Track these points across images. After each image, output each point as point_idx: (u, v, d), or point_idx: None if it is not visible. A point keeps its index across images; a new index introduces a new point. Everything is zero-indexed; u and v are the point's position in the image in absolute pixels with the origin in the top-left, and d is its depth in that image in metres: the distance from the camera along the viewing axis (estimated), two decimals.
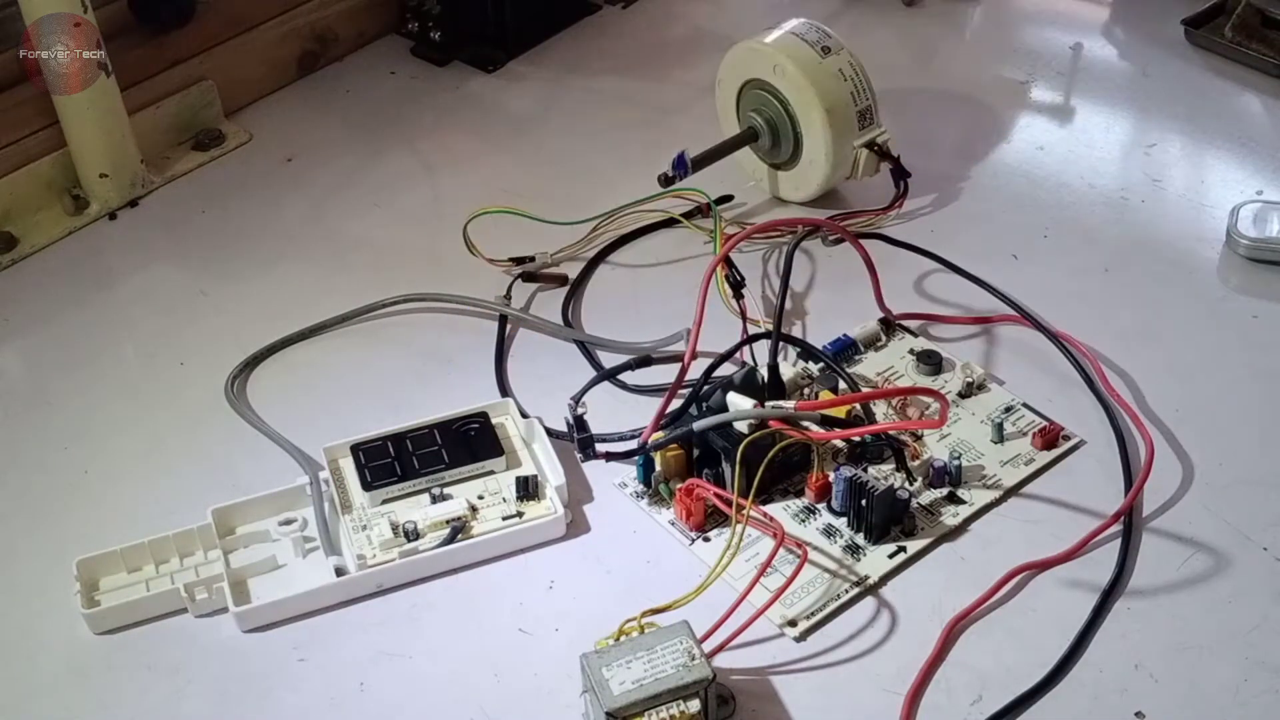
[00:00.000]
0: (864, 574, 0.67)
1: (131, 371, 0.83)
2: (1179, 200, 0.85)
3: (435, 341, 0.83)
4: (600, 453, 0.71)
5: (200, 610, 0.67)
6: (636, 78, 1.07)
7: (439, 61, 1.09)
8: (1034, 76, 1.04)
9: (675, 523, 0.70)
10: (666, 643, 0.59)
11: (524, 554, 0.69)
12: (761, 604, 0.63)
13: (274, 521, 0.70)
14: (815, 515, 0.70)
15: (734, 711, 0.61)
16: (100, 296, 0.88)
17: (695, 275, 0.77)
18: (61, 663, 0.65)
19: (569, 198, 0.91)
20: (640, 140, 0.99)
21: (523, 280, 0.85)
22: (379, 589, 0.67)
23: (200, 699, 0.63)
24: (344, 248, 0.91)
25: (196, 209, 0.95)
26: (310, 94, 1.07)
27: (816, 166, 0.88)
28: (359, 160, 0.99)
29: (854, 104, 0.87)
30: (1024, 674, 0.62)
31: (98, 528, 0.71)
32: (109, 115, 0.92)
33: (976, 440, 0.73)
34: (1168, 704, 0.61)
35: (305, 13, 1.07)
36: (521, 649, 0.65)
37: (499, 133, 1.02)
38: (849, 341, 0.79)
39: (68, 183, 0.94)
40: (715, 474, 0.70)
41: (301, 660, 0.65)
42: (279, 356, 0.82)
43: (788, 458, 0.69)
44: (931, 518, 0.69)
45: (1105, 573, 0.66)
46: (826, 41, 0.87)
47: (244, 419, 0.77)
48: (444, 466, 0.71)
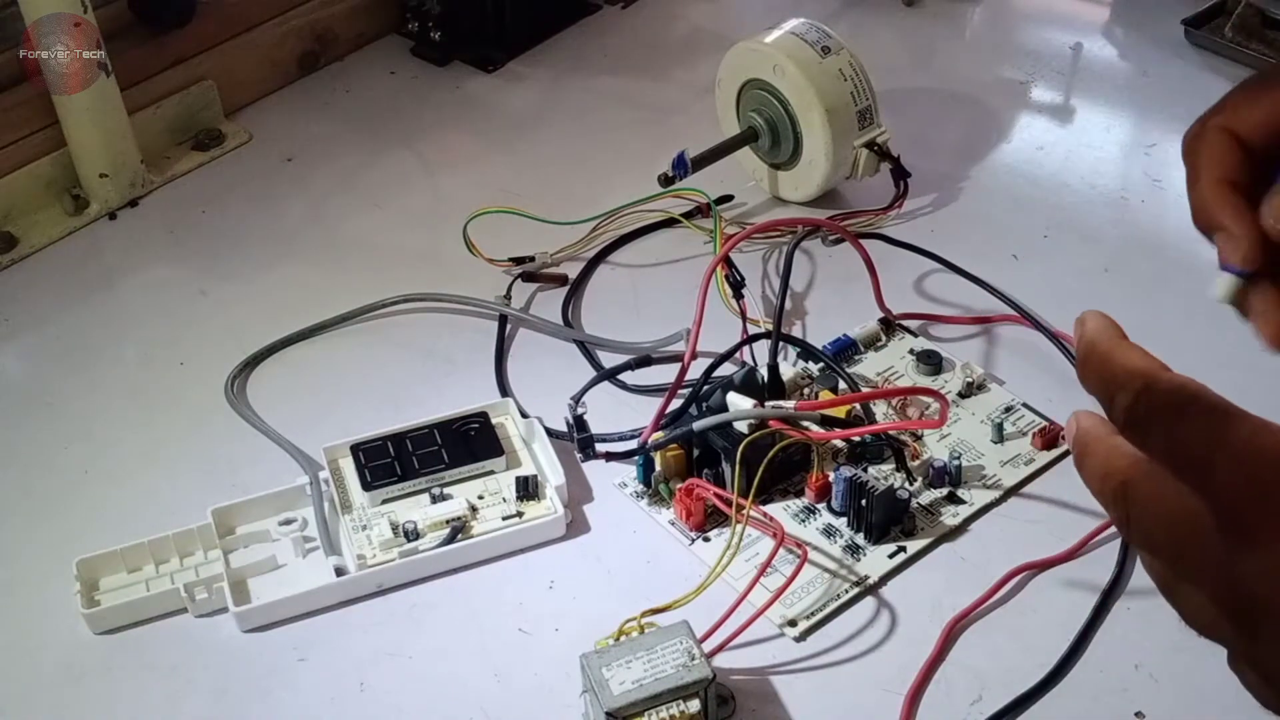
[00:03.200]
0: (864, 574, 0.67)
1: (131, 371, 0.83)
2: (1179, 200, 0.84)
3: (435, 341, 0.83)
4: (600, 453, 0.72)
5: (200, 610, 0.67)
6: (636, 78, 1.08)
7: (439, 61, 1.09)
8: (1034, 76, 1.04)
9: (675, 523, 0.70)
10: (666, 643, 0.59)
11: (524, 554, 0.69)
12: (761, 604, 0.63)
13: (274, 521, 0.70)
14: (815, 515, 0.70)
15: (734, 711, 0.61)
16: (100, 296, 0.88)
17: (695, 275, 0.77)
18: (61, 663, 0.65)
19: (569, 198, 0.91)
20: (640, 140, 0.99)
21: (523, 280, 0.85)
22: (379, 589, 0.67)
23: (200, 699, 0.63)
24: (344, 248, 0.91)
25: (196, 209, 0.95)
26: (310, 94, 1.07)
27: (816, 166, 0.88)
28: (359, 160, 0.99)
29: (854, 104, 0.87)
30: (1024, 674, 0.62)
31: (98, 528, 0.71)
32: (109, 115, 0.92)
33: (976, 440, 0.73)
34: (1168, 704, 0.61)
35: (305, 13, 1.07)
36: (521, 649, 0.65)
37: (499, 133, 1.02)
38: (849, 341, 0.79)
39: (68, 183, 0.94)
40: (715, 474, 0.70)
41: (301, 660, 0.65)
42: (279, 356, 0.82)
43: (788, 458, 0.69)
44: (931, 518, 0.69)
45: (1105, 573, 0.66)
46: (826, 41, 0.87)
47: (244, 419, 0.77)
48: (444, 466, 0.71)
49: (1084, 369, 0.38)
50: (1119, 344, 0.37)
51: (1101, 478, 0.37)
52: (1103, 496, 0.37)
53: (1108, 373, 0.37)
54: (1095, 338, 0.38)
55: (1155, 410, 0.35)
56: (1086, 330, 0.38)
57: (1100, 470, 0.37)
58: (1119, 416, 0.36)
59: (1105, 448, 0.37)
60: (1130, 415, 0.35)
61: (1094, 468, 0.37)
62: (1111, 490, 0.36)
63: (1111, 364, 0.37)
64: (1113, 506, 0.37)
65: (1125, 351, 0.37)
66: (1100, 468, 0.37)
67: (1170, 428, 0.34)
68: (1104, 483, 0.37)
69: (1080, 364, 0.38)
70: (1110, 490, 0.36)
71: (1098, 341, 0.37)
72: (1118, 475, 0.36)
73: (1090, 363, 0.37)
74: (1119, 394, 0.36)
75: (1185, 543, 0.34)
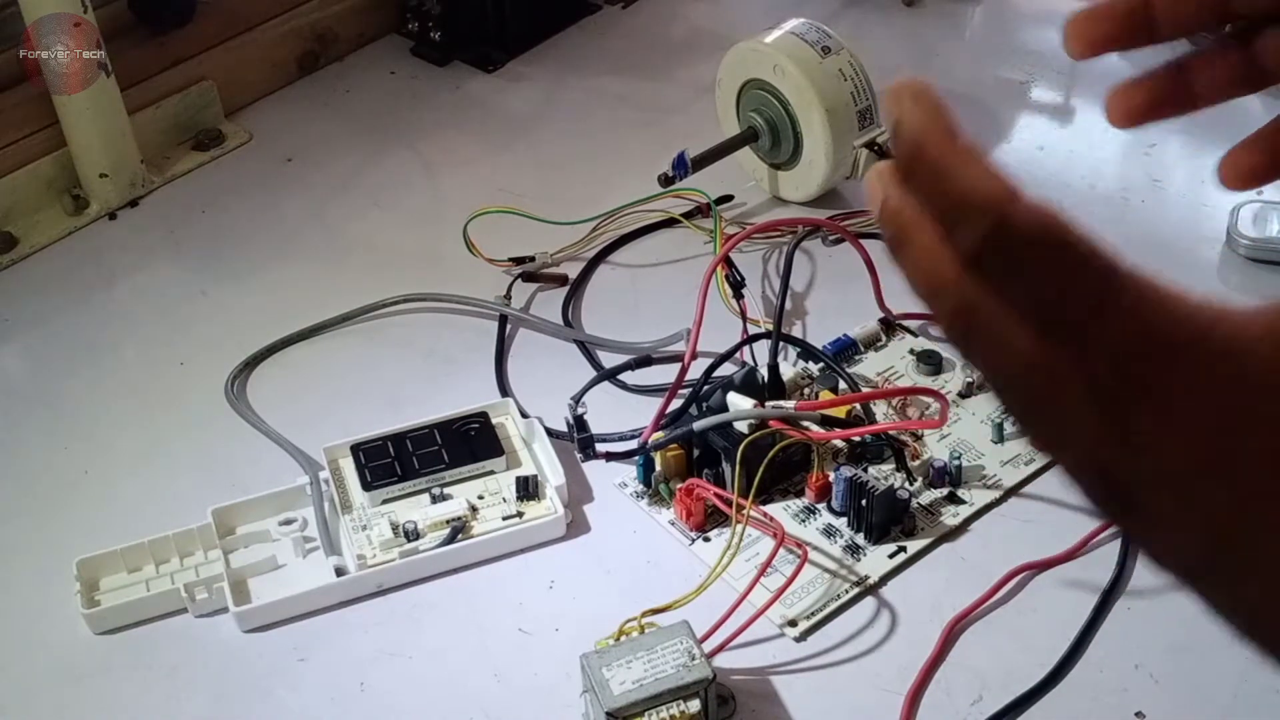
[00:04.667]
0: (864, 574, 0.67)
1: (131, 371, 0.83)
2: (1179, 200, 0.85)
3: (435, 341, 0.83)
4: (600, 453, 0.72)
5: (200, 610, 0.67)
6: (636, 78, 1.07)
7: (439, 61, 1.09)
8: (1034, 76, 1.04)
9: (675, 523, 0.70)
10: (666, 643, 0.59)
11: (524, 554, 0.69)
12: (762, 604, 0.63)
13: (274, 521, 0.70)
14: (815, 515, 0.70)
15: (734, 711, 0.61)
16: (100, 296, 0.88)
17: (695, 275, 0.77)
18: (61, 662, 0.65)
19: (569, 198, 0.91)
20: (640, 140, 0.99)
21: (523, 280, 0.85)
22: (379, 589, 0.67)
23: (200, 699, 0.63)
24: (344, 248, 0.91)
25: (196, 209, 0.95)
26: (310, 94, 1.07)
27: (816, 166, 0.88)
28: (359, 160, 0.99)
29: (854, 104, 0.87)
30: (1024, 674, 0.62)
31: (98, 528, 0.71)
32: (109, 115, 0.92)
33: (977, 440, 0.73)
34: (1168, 704, 0.61)
35: (305, 13, 1.07)
36: (521, 649, 0.65)
37: (499, 133, 1.02)
38: (849, 341, 0.79)
39: (68, 183, 0.94)
40: (715, 474, 0.70)
41: (301, 660, 0.65)
42: (279, 356, 0.82)
43: (788, 458, 0.69)
44: (931, 518, 0.69)
45: (1105, 573, 0.66)
46: (826, 41, 0.87)
47: (244, 419, 0.77)
48: (444, 466, 0.71)
49: (909, 178, 0.30)
50: (956, 152, 0.29)
51: (932, 287, 0.30)
52: (935, 303, 0.31)
53: (943, 194, 0.29)
54: (923, 138, 0.29)
55: (1013, 257, 0.28)
56: (908, 122, 0.29)
57: (929, 277, 0.30)
58: (960, 250, 0.29)
59: (932, 251, 0.30)
60: (976, 254, 0.29)
61: (922, 270, 0.31)
62: (950, 311, 0.30)
63: (948, 183, 0.29)
64: (949, 329, 0.31)
65: (966, 165, 0.29)
66: (930, 276, 0.30)
67: (1034, 282, 0.28)
68: (937, 296, 0.30)
69: (903, 170, 0.30)
70: (948, 311, 0.30)
71: (926, 145, 0.29)
72: (955, 297, 0.30)
73: (919, 173, 0.30)
74: (961, 226, 0.29)
75: (1045, 403, 0.29)
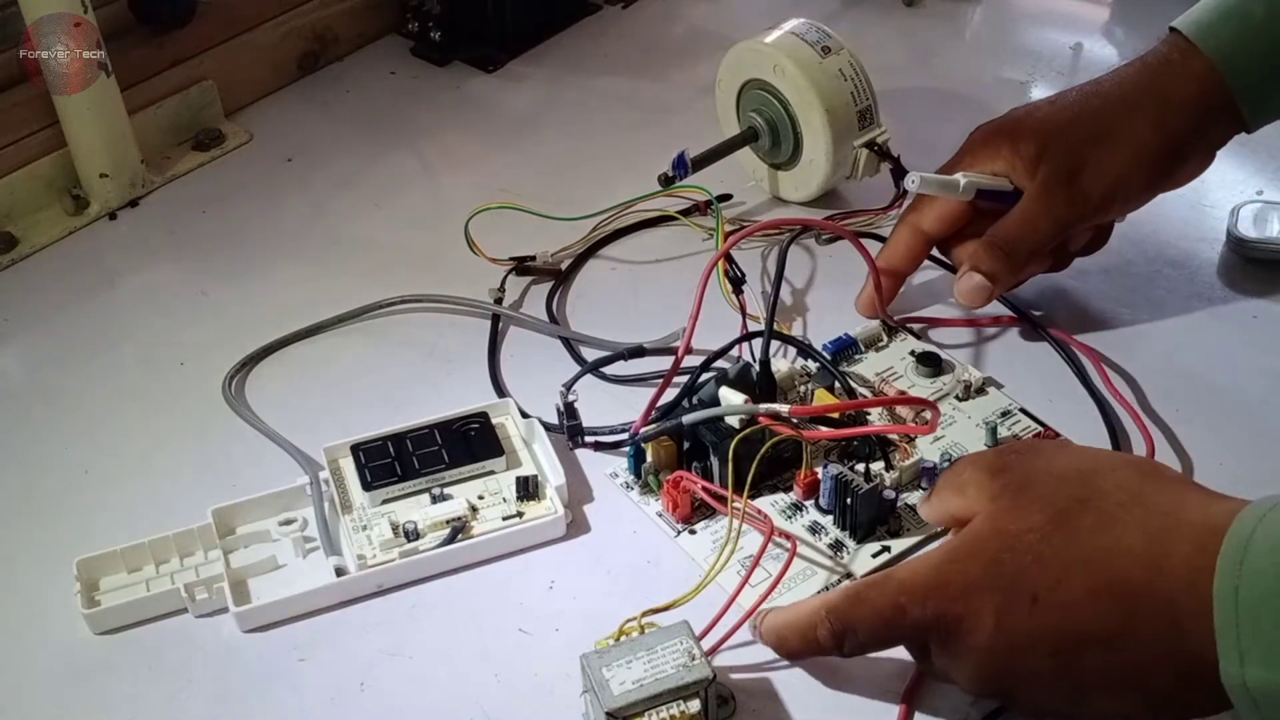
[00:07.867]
0: (849, 573, 0.67)
1: (131, 371, 0.83)
2: (1179, 200, 0.84)
3: (435, 341, 0.83)
4: (589, 441, 0.72)
5: (200, 610, 0.67)
6: (636, 78, 1.08)
7: (439, 61, 1.09)
8: (1034, 76, 1.04)
9: (663, 514, 0.70)
10: (666, 643, 0.59)
11: (524, 554, 0.69)
12: (750, 605, 0.63)
13: (274, 521, 0.70)
14: (802, 511, 0.70)
15: (734, 711, 0.61)
16: (100, 296, 0.88)
17: (693, 272, 0.77)
18: (61, 663, 0.65)
19: (569, 198, 0.91)
20: (640, 140, 0.99)
21: (516, 274, 0.85)
22: (379, 589, 0.67)
23: (200, 699, 0.63)
24: (344, 248, 0.91)
25: (196, 209, 0.95)
26: (310, 94, 1.07)
27: (816, 166, 0.88)
28: (359, 160, 0.99)
29: (854, 104, 0.87)
30: None
31: (98, 528, 0.71)
32: (109, 115, 0.92)
33: (971, 443, 0.73)
34: None
35: (305, 13, 1.07)
36: (521, 649, 0.65)
37: (499, 133, 1.02)
38: (850, 341, 0.79)
39: (68, 183, 0.94)
40: (704, 467, 0.70)
41: (301, 660, 0.65)
42: (278, 356, 0.82)
43: (778, 453, 0.69)
44: (918, 518, 0.69)
45: None
46: (826, 41, 0.87)
47: (244, 419, 0.77)
48: (444, 466, 0.71)
49: (788, 653, 0.62)
50: (783, 627, 0.61)
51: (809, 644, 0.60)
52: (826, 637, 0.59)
53: (801, 648, 0.61)
54: (775, 640, 0.62)
55: (845, 633, 0.58)
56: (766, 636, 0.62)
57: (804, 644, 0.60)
58: (829, 647, 0.59)
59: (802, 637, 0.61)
60: (836, 641, 0.59)
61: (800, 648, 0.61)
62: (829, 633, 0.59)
63: (794, 644, 0.61)
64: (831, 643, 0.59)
65: (790, 627, 0.61)
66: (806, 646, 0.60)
67: (859, 637, 0.58)
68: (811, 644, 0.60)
69: (783, 654, 0.62)
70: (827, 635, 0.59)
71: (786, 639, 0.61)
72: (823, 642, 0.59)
73: (786, 647, 0.61)
74: (819, 645, 0.59)
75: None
